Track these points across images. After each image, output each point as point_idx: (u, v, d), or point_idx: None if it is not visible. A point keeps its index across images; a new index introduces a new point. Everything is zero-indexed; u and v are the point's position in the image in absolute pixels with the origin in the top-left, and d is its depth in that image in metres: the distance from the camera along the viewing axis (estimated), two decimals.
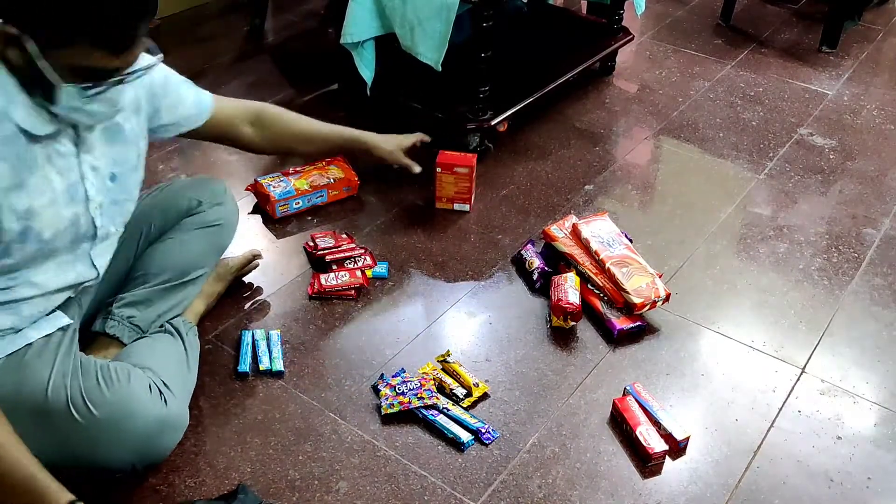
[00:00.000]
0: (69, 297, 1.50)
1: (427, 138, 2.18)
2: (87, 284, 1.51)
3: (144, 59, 1.29)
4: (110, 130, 1.42)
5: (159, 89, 1.54)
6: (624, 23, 2.93)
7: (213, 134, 1.74)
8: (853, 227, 2.26)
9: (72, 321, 1.49)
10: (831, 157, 2.57)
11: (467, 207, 2.26)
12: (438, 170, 2.19)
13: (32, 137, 1.27)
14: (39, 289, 1.40)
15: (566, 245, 2.02)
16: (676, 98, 2.88)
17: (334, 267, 2.02)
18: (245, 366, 1.74)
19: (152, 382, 1.46)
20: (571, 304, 1.84)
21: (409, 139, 2.13)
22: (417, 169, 2.13)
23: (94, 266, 1.48)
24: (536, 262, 2.00)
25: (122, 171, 1.45)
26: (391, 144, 2.08)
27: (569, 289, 1.87)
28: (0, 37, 1.18)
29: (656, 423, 1.62)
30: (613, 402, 1.67)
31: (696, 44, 3.27)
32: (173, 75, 1.59)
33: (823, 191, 2.42)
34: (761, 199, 2.38)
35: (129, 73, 1.25)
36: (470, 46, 2.32)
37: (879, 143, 2.65)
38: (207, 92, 1.69)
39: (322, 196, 2.25)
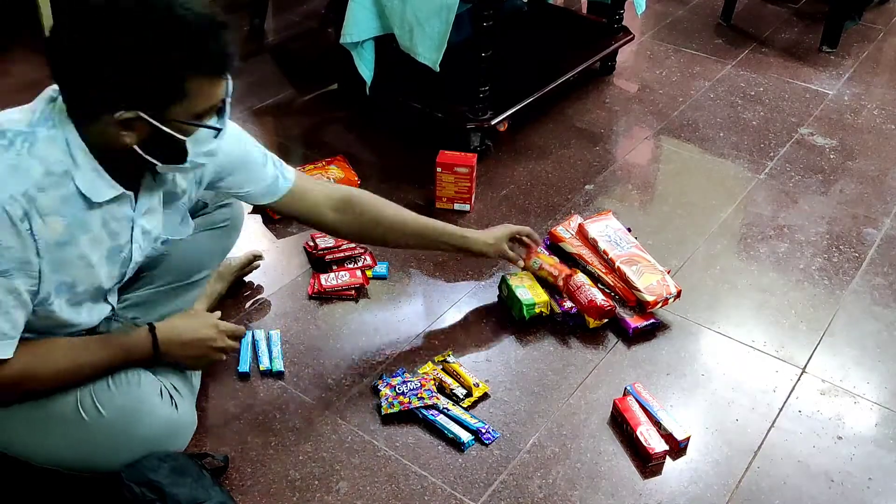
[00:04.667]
0: None
1: (530, 238, 1.95)
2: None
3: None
4: (169, 194, 1.43)
5: (233, 165, 1.52)
6: (624, 22, 2.93)
7: (287, 213, 1.70)
8: (854, 227, 2.26)
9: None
10: (832, 156, 2.57)
11: (468, 207, 2.26)
12: (439, 170, 2.19)
13: (91, 203, 1.27)
14: (72, 329, 1.41)
15: (573, 245, 2.02)
16: (677, 98, 2.88)
17: (334, 267, 2.02)
18: (245, 366, 1.74)
19: (163, 387, 1.46)
20: (605, 302, 1.84)
21: (508, 230, 1.92)
22: (521, 263, 1.94)
23: (108, 301, 1.48)
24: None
25: (171, 234, 1.48)
26: (492, 238, 1.89)
27: (591, 289, 1.87)
28: (115, 127, 1.19)
29: (657, 424, 1.62)
30: (614, 403, 1.67)
31: (696, 43, 3.27)
32: (256, 151, 1.56)
33: (824, 190, 2.42)
34: (762, 198, 2.38)
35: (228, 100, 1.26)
36: (470, 46, 2.32)
37: (880, 143, 2.65)
38: (293, 172, 1.64)
39: None
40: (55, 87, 1.23)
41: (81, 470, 1.44)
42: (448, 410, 1.64)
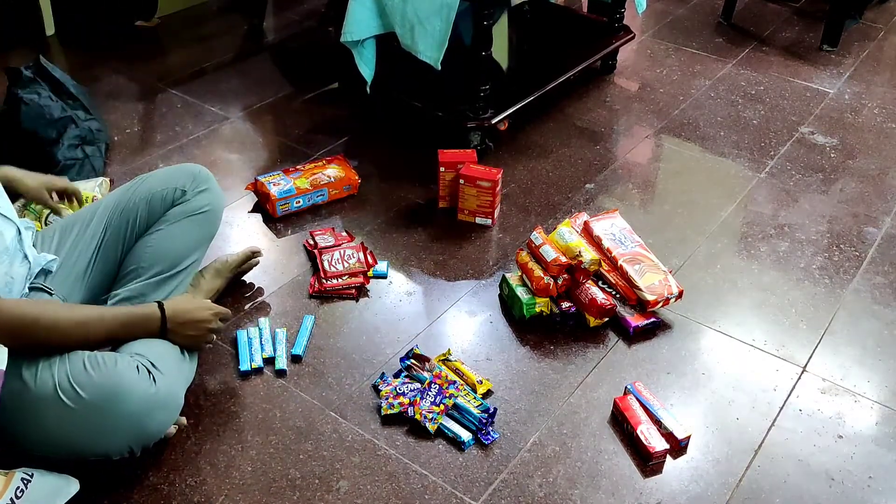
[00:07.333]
0: (48, 295, 1.54)
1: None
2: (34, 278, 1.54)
3: None
4: None
5: None
6: (625, 21, 2.93)
7: None
8: (854, 226, 2.26)
9: None
10: (832, 155, 2.57)
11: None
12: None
13: None
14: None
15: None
16: (677, 96, 2.87)
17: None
18: (246, 364, 1.74)
19: (140, 364, 1.46)
20: (606, 301, 1.83)
21: (57, 182, 1.86)
22: (65, 213, 1.84)
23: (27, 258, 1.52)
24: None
25: None
26: (36, 181, 1.82)
27: (591, 287, 1.87)
28: None
29: (657, 422, 1.62)
30: (614, 401, 1.67)
31: (696, 42, 3.27)
32: None
33: (824, 189, 2.41)
34: (762, 197, 2.37)
35: None
36: (470, 45, 2.32)
37: (880, 142, 2.65)
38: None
39: (323, 195, 2.25)
40: None
41: (72, 458, 1.44)
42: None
